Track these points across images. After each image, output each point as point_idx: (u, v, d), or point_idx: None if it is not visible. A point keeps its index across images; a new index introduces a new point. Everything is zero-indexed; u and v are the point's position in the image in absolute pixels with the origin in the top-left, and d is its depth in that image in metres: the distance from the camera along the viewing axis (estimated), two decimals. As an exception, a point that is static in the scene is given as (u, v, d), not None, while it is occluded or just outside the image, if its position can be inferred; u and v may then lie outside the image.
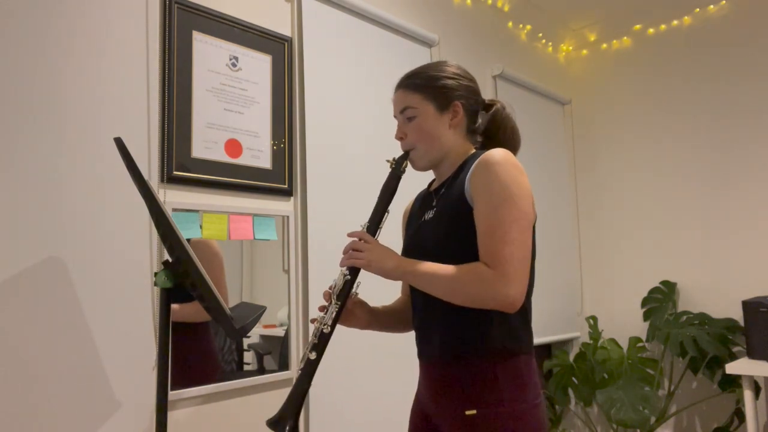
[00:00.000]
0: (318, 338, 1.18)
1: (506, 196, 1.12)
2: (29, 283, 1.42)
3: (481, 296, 1.10)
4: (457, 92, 1.28)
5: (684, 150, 3.29)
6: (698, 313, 3.09)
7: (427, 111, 1.26)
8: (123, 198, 1.60)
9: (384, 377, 2.20)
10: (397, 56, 2.48)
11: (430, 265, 1.15)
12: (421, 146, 1.27)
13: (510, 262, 1.08)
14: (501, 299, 1.08)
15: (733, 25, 3.16)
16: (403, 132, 1.30)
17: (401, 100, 1.30)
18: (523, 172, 1.16)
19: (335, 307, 1.20)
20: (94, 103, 1.57)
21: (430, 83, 1.27)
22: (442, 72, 1.29)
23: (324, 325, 1.18)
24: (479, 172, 1.16)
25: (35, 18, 1.49)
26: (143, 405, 1.59)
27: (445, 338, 1.20)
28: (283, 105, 2.02)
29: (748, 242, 3.05)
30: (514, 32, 3.35)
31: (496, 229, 1.11)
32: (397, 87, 1.32)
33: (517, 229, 1.11)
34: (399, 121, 1.31)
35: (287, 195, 2.01)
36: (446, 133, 1.27)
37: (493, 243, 1.10)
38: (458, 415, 1.15)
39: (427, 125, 1.26)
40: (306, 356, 1.17)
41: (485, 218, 1.13)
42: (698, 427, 3.17)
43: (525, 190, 1.15)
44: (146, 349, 1.61)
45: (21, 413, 1.38)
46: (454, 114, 1.27)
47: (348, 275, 1.21)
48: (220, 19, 1.87)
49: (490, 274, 1.08)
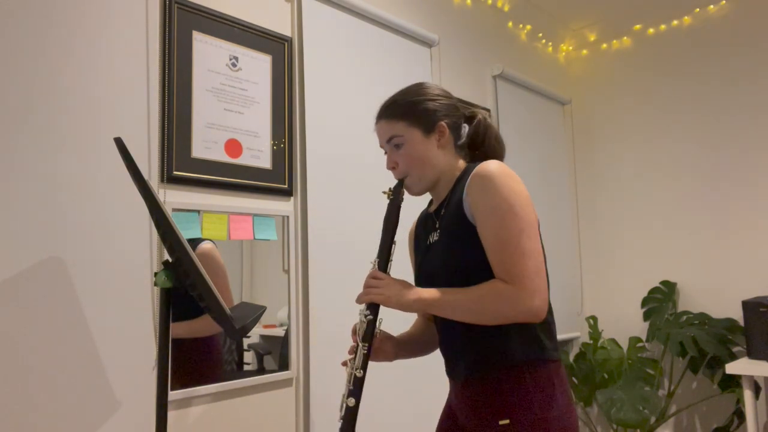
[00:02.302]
0: (353, 384, 1.19)
1: (507, 208, 1.12)
2: (29, 283, 1.42)
3: (506, 314, 1.10)
4: (439, 113, 1.28)
5: (684, 150, 3.29)
6: (698, 313, 3.09)
7: (414, 136, 1.26)
8: (123, 198, 1.60)
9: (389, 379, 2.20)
10: (397, 56, 2.48)
11: (449, 293, 1.15)
12: (414, 172, 1.27)
13: (527, 274, 1.09)
14: (526, 312, 1.09)
15: (733, 25, 3.16)
16: (393, 161, 1.30)
17: (386, 130, 1.29)
18: (517, 179, 1.17)
19: (363, 349, 1.21)
20: (94, 103, 1.57)
21: (412, 109, 1.27)
22: (421, 95, 1.29)
23: (356, 369, 1.19)
24: (475, 189, 1.16)
25: (35, 18, 1.49)
26: (143, 405, 1.59)
27: (468, 358, 1.21)
28: (283, 105, 2.02)
29: (748, 242, 3.05)
30: (514, 32, 3.34)
31: (506, 244, 1.11)
32: (378, 117, 1.32)
33: (526, 239, 1.11)
34: (387, 150, 1.31)
35: (287, 195, 2.01)
36: (436, 155, 1.27)
37: (506, 258, 1.11)
38: (492, 425, 1.16)
39: (417, 150, 1.26)
40: (344, 404, 1.18)
41: (492, 234, 1.13)
42: (698, 427, 3.17)
43: (524, 197, 1.15)
44: (146, 349, 1.61)
45: (21, 413, 1.38)
46: (440, 135, 1.27)
47: (369, 314, 1.22)
48: (220, 19, 1.87)
49: (511, 291, 1.09)
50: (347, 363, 1.23)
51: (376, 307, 1.22)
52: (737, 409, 2.88)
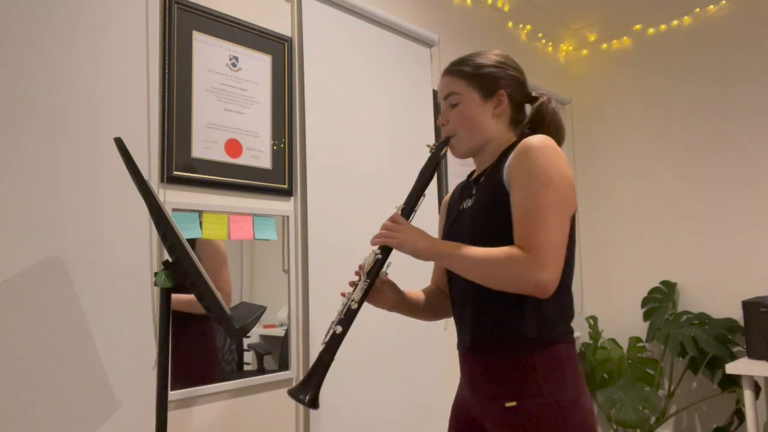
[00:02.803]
0: (345, 314, 1.18)
1: (545, 182, 1.10)
2: (29, 283, 1.42)
3: (513, 280, 1.08)
4: (502, 81, 1.27)
5: (684, 150, 3.29)
6: (698, 313, 3.09)
7: (471, 98, 1.26)
8: (123, 198, 1.60)
9: (387, 376, 2.20)
10: (396, 56, 2.48)
11: (462, 248, 1.14)
12: (462, 133, 1.27)
13: (545, 246, 1.07)
14: (534, 284, 1.07)
15: (733, 25, 3.16)
16: (445, 118, 1.30)
17: (446, 86, 1.30)
18: (564, 158, 1.14)
19: (364, 284, 1.21)
20: (94, 103, 1.57)
21: (476, 71, 1.27)
22: (488, 60, 1.29)
23: (352, 301, 1.19)
24: (518, 158, 1.15)
25: (35, 18, 1.49)
26: (143, 405, 1.59)
27: (479, 328, 1.20)
28: (283, 105, 2.02)
29: (748, 242, 3.05)
30: (514, 32, 3.34)
31: (532, 213, 1.09)
32: (444, 72, 1.32)
33: (554, 215, 1.09)
34: (443, 106, 1.31)
35: (287, 195, 2.01)
36: (489, 122, 1.27)
37: (529, 227, 1.09)
38: (498, 406, 1.14)
39: (470, 112, 1.26)
40: (332, 330, 1.17)
41: (522, 203, 1.11)
42: (698, 427, 3.17)
43: (565, 176, 1.13)
44: (146, 349, 1.61)
45: (21, 413, 1.38)
46: (498, 103, 1.27)
47: (379, 254, 1.21)
48: (220, 19, 1.87)
49: (524, 258, 1.07)
50: (345, 294, 1.23)
51: (388, 250, 1.21)
52: (737, 409, 2.88)
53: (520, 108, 1.32)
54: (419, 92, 2.56)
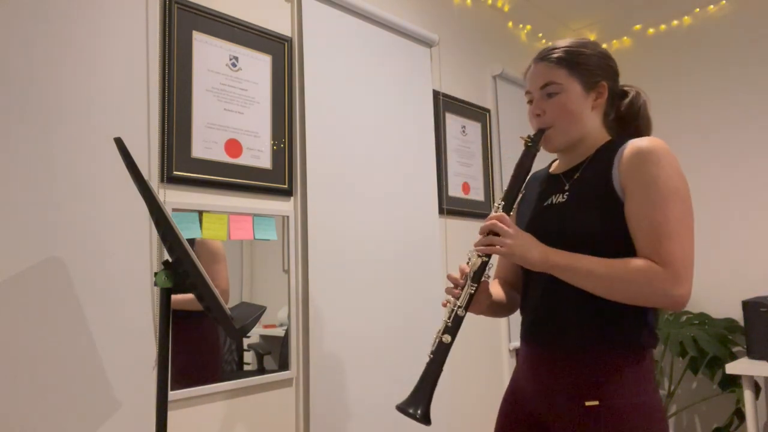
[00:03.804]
0: (452, 321, 1.13)
1: (672, 191, 1.06)
2: (29, 283, 1.42)
3: (649, 296, 1.06)
4: (604, 72, 1.22)
5: (684, 150, 3.28)
6: (698, 313, 3.09)
7: (573, 89, 1.19)
8: (123, 198, 1.60)
9: (387, 376, 2.19)
10: (397, 56, 2.48)
11: (584, 260, 1.09)
12: (561, 125, 1.20)
13: (681, 261, 1.04)
14: (672, 299, 1.04)
15: (733, 25, 3.16)
16: (541, 108, 1.21)
17: (544, 73, 1.21)
18: (678, 161, 1.10)
19: (470, 288, 1.15)
20: (94, 103, 1.57)
21: (578, 60, 1.20)
22: (589, 49, 1.22)
23: (458, 307, 1.14)
24: (634, 161, 1.10)
25: (35, 18, 1.49)
26: (143, 405, 1.59)
27: (580, 328, 1.14)
28: (283, 105, 2.02)
29: (748, 242, 3.05)
30: (514, 32, 3.34)
31: (663, 225, 1.05)
32: (538, 59, 1.24)
33: (685, 227, 1.06)
34: (536, 96, 1.23)
35: (287, 195, 2.01)
36: (588, 115, 1.21)
37: (661, 240, 1.05)
38: (577, 405, 1.11)
39: (572, 104, 1.19)
40: (439, 339, 1.12)
41: (649, 213, 1.07)
42: (698, 427, 3.17)
43: (686, 182, 1.09)
44: (146, 349, 1.61)
45: (21, 413, 1.38)
46: (598, 95, 1.21)
47: (485, 258, 1.15)
48: (220, 19, 1.87)
49: (662, 274, 1.04)
50: (447, 303, 1.17)
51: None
52: (737, 409, 2.88)
53: (613, 101, 1.27)
54: (419, 92, 2.56)
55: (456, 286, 1.19)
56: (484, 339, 2.73)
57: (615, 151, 1.16)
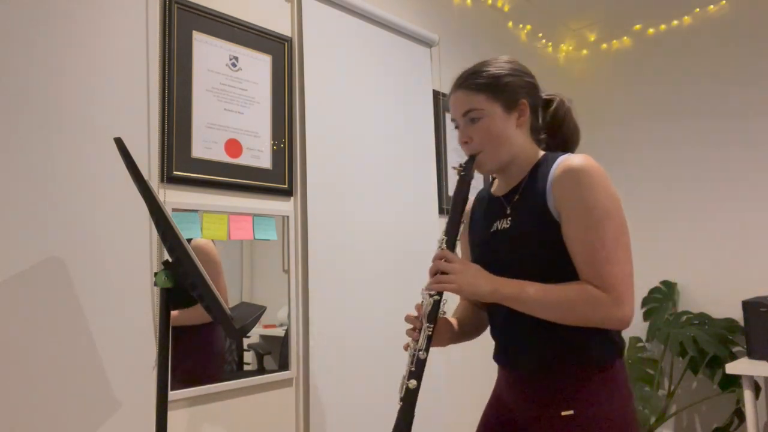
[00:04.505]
0: (415, 365, 1.14)
1: (604, 212, 1.08)
2: (29, 283, 1.42)
3: (595, 320, 1.08)
4: (522, 90, 1.22)
5: (684, 150, 3.29)
6: (698, 313, 3.09)
7: (495, 112, 1.20)
8: (123, 198, 1.60)
9: (387, 376, 2.19)
10: (397, 56, 2.48)
11: (530, 288, 1.11)
12: (489, 149, 1.21)
13: (621, 282, 1.06)
14: (616, 321, 1.07)
15: (733, 25, 3.16)
16: (467, 135, 1.23)
17: (464, 101, 1.22)
18: (608, 178, 1.12)
19: (427, 330, 1.15)
20: (94, 103, 1.57)
21: (494, 82, 1.21)
22: (503, 69, 1.22)
23: (419, 351, 1.15)
24: (566, 183, 1.11)
25: (35, 18, 1.49)
26: (143, 405, 1.59)
27: (540, 350, 1.17)
28: (283, 105, 2.02)
29: (748, 242, 3.05)
30: (514, 32, 3.34)
31: (599, 249, 1.07)
32: (456, 87, 1.25)
33: (621, 247, 1.08)
34: (461, 123, 1.24)
35: (287, 195, 2.01)
36: (514, 134, 1.21)
37: (600, 263, 1.07)
38: (553, 415, 1.13)
39: (495, 127, 1.20)
40: (405, 385, 1.14)
41: (585, 236, 1.09)
42: (698, 427, 3.17)
43: (618, 200, 1.11)
44: (146, 349, 1.61)
45: (21, 413, 1.38)
46: (521, 113, 1.22)
47: (436, 296, 1.17)
48: (220, 19, 1.87)
49: (604, 298, 1.06)
50: (408, 345, 1.18)
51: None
52: (737, 409, 2.88)
53: (537, 114, 1.27)
54: (419, 92, 2.56)
55: (414, 328, 1.19)
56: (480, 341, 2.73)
57: (548, 170, 1.17)
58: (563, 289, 1.09)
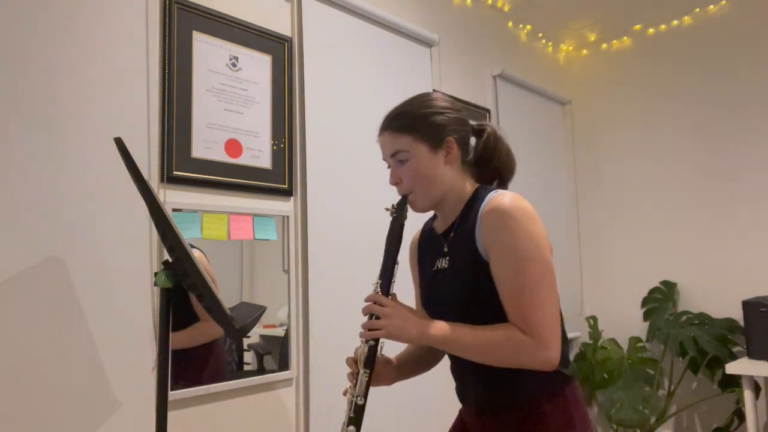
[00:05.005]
0: (354, 412, 1.15)
1: (526, 254, 1.08)
2: (29, 283, 1.42)
3: (519, 362, 1.08)
4: (448, 127, 1.20)
5: (684, 150, 3.29)
6: (698, 313, 3.09)
7: (420, 152, 1.19)
8: (123, 198, 1.60)
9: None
10: (397, 56, 2.48)
11: (459, 331, 1.11)
12: (419, 189, 1.21)
13: (544, 325, 1.06)
14: (541, 363, 1.07)
15: (733, 25, 3.16)
16: (397, 177, 1.23)
17: (390, 143, 1.22)
18: (534, 216, 1.11)
19: (365, 376, 1.16)
20: (94, 103, 1.57)
21: (419, 122, 1.20)
22: (429, 108, 1.21)
23: (357, 397, 1.15)
24: (491, 226, 1.11)
25: (35, 18, 1.49)
26: (143, 405, 1.59)
27: (484, 391, 1.18)
28: (283, 105, 2.02)
29: (748, 242, 3.05)
30: (514, 32, 3.34)
31: (523, 292, 1.07)
32: (382, 129, 1.24)
33: (544, 288, 1.08)
34: (390, 164, 1.24)
35: (287, 195, 2.01)
36: (443, 172, 1.20)
37: (523, 307, 1.07)
38: None
39: (423, 167, 1.19)
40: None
41: (509, 279, 1.09)
42: (698, 427, 3.17)
43: (541, 239, 1.10)
44: (146, 349, 1.61)
45: (21, 413, 1.38)
46: (447, 151, 1.20)
47: (372, 342, 1.18)
48: (220, 19, 1.87)
49: (528, 342, 1.06)
50: (347, 391, 1.19)
51: None
52: (737, 409, 2.88)
53: (467, 146, 1.26)
54: (419, 92, 2.55)
55: (353, 372, 1.21)
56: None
57: (478, 208, 1.16)
58: (491, 334, 1.09)
